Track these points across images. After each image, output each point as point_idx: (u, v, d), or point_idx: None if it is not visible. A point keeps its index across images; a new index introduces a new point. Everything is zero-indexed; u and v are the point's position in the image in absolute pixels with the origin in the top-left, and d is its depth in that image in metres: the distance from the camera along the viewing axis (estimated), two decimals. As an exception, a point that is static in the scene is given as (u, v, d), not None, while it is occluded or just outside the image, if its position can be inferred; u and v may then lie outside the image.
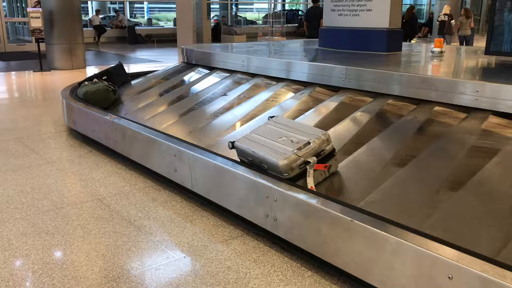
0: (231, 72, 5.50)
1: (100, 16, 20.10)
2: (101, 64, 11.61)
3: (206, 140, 3.78)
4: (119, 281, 2.33)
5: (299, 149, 2.74)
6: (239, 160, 2.98)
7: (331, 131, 3.35)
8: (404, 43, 6.21)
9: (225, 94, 4.87)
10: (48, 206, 3.22)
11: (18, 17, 21.46)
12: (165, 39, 19.09)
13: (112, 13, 23.87)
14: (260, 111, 4.21)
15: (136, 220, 3.01)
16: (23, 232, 2.85)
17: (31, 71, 10.21)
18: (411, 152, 3.06)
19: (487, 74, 4.27)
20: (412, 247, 1.91)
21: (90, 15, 23.04)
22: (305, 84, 4.59)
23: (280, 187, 2.51)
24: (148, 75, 6.57)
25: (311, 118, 3.81)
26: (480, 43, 12.74)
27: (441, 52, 5.42)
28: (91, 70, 10.29)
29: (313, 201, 2.34)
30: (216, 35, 18.87)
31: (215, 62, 5.82)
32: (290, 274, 2.40)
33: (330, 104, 4.01)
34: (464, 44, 12.29)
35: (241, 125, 4.02)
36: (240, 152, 2.93)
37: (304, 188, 2.52)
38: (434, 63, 4.78)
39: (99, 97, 5.07)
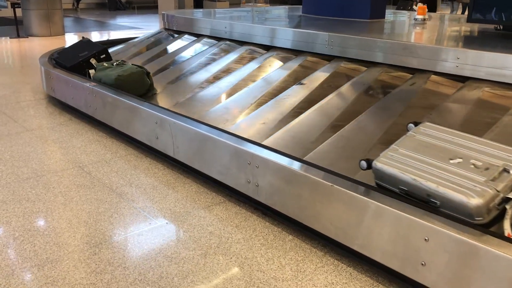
0: (219, 39, 5.39)
1: (79, -20, 19.47)
2: (81, 31, 11.33)
3: (194, 112, 3.72)
4: (101, 247, 2.34)
5: (493, 179, 1.93)
6: (374, 184, 2.19)
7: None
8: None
9: (209, 64, 4.79)
10: (28, 174, 3.19)
11: (-7, -19, 20.69)
12: (146, 6, 18.69)
13: (91, -22, 23.13)
14: (247, 82, 4.16)
15: (118, 188, 3.00)
16: (2, 199, 2.82)
17: (8, 37, 9.92)
18: None
19: (469, 41, 4.28)
20: (390, 211, 1.95)
21: (68, -21, 22.28)
22: (296, 53, 4.53)
23: (262, 153, 2.52)
24: (127, 42, 6.45)
25: (300, 90, 3.79)
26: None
27: (424, 19, 5.41)
28: (70, 37, 10.04)
29: (294, 166, 2.36)
30: (199, 1, 18.52)
31: (197, 28, 5.72)
32: (271, 238, 2.44)
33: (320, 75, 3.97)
34: (463, 12, 12.79)
35: (227, 97, 3.97)
36: (384, 177, 2.12)
37: (287, 155, 2.53)
38: (417, 31, 4.77)
39: (134, 82, 4.14)
